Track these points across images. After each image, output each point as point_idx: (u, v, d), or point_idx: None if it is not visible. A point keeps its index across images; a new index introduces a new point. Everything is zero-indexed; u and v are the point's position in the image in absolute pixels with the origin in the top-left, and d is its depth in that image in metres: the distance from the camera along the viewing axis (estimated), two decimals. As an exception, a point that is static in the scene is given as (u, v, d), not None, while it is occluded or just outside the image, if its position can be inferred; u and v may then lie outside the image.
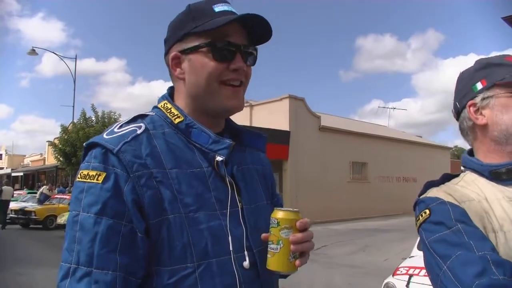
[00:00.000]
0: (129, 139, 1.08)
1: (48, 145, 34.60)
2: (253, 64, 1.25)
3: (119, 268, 0.99)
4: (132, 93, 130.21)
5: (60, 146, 25.82)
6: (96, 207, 1.00)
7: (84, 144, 1.13)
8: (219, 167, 1.15)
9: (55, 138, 28.95)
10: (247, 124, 19.73)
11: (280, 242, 1.09)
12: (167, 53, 1.25)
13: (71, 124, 26.72)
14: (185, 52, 1.19)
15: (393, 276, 5.22)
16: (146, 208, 1.03)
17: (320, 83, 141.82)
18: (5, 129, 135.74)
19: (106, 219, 1.00)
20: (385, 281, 5.28)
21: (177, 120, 1.18)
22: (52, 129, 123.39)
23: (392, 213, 23.06)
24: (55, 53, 28.00)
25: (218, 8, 1.18)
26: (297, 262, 1.11)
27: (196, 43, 1.17)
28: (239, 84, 1.20)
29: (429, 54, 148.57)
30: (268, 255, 1.11)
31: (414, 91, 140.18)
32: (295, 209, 1.13)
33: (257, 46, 1.26)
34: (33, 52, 25.97)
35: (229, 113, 1.24)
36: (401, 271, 5.14)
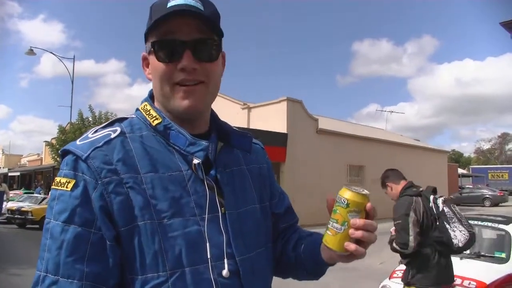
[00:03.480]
0: (100, 144, 1.05)
1: (46, 145, 34.51)
2: (212, 59, 1.13)
3: (86, 277, 0.96)
4: (131, 94, 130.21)
5: (57, 146, 25.75)
6: (64, 214, 0.99)
7: (59, 151, 1.12)
8: (197, 170, 1.10)
9: (52, 139, 28.89)
10: (245, 126, 19.72)
11: (346, 223, 1.04)
12: None
13: (69, 125, 26.65)
14: (148, 52, 1.16)
15: (389, 279, 5.22)
16: (115, 215, 1.00)
17: (317, 87, 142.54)
18: (3, 129, 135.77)
19: (74, 227, 0.98)
20: (382, 284, 5.28)
21: (155, 122, 1.14)
22: (50, 130, 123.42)
23: (388, 216, 23.01)
24: (53, 53, 27.88)
25: (171, 2, 1.09)
26: (352, 246, 1.05)
27: (149, 44, 1.14)
28: (196, 84, 1.11)
29: (424, 59, 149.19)
30: (329, 232, 1.07)
31: (410, 95, 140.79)
32: (365, 191, 1.06)
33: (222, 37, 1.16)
34: (31, 52, 25.87)
35: (186, 114, 1.14)
36: (398, 274, 5.14)
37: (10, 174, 46.70)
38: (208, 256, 1.05)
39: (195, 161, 1.09)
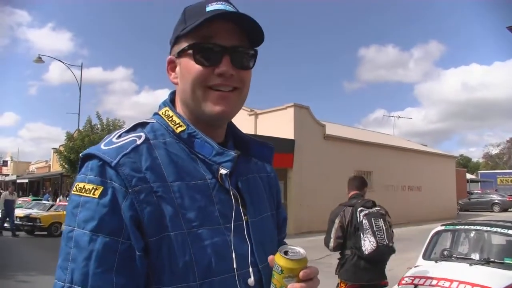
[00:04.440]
0: (128, 150, 1.02)
1: (54, 152, 34.69)
2: (248, 67, 1.15)
3: None
4: (138, 101, 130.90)
5: (65, 153, 25.88)
6: (92, 223, 0.95)
7: (80, 154, 1.07)
8: (223, 180, 1.09)
9: (60, 145, 29.01)
10: (252, 132, 19.72)
11: None
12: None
13: (77, 132, 26.79)
14: (177, 55, 1.15)
15: (398, 285, 5.19)
16: (145, 225, 0.97)
17: (324, 93, 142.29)
18: (12, 136, 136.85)
19: (102, 236, 0.94)
20: (390, 290, 5.25)
21: (179, 129, 1.12)
22: (58, 137, 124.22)
23: (397, 222, 22.78)
24: (61, 61, 28.11)
25: (210, 7, 1.09)
26: None
27: (183, 46, 1.12)
28: (231, 90, 1.12)
29: (431, 64, 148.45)
30: None
31: (417, 101, 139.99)
32: (302, 255, 1.04)
33: (256, 48, 1.17)
34: (39, 60, 26.09)
35: (217, 120, 1.14)
36: (406, 281, 5.12)
37: (18, 181, 46.99)
38: (235, 266, 1.04)
39: (222, 171, 1.09)
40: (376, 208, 4.59)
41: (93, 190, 0.98)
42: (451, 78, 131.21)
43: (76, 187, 1.00)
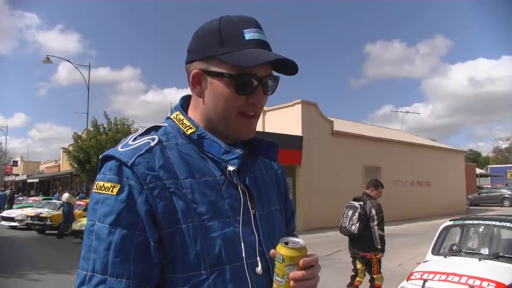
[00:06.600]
0: (142, 151, 1.10)
1: (63, 152, 34.91)
2: (273, 93, 1.24)
3: (133, 276, 1.02)
4: (146, 100, 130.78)
5: (74, 153, 26.04)
6: (111, 217, 1.04)
7: (100, 156, 1.17)
8: (231, 176, 1.17)
9: (69, 145, 29.22)
10: (260, 129, 19.70)
11: (285, 276, 1.09)
12: (188, 63, 1.22)
13: (85, 131, 26.95)
14: (208, 73, 1.18)
15: (407, 280, 5.19)
16: (159, 218, 1.06)
17: (330, 89, 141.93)
18: (22, 137, 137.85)
19: (120, 229, 1.03)
20: (400, 285, 5.26)
21: (189, 131, 1.21)
22: (67, 136, 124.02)
23: (406, 217, 22.82)
24: (69, 61, 28.35)
25: (248, 35, 1.15)
26: None
27: (220, 70, 1.15)
28: (253, 115, 1.21)
29: (437, 59, 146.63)
30: (274, 285, 1.12)
31: (424, 96, 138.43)
32: (301, 245, 1.11)
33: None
34: (47, 60, 26.28)
35: (238, 140, 1.25)
36: (416, 276, 5.12)
37: (28, 180, 47.32)
38: (244, 255, 1.12)
39: (230, 168, 1.17)
40: (358, 203, 6.58)
41: (111, 188, 1.07)
42: (458, 73, 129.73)
43: (96, 186, 1.10)
